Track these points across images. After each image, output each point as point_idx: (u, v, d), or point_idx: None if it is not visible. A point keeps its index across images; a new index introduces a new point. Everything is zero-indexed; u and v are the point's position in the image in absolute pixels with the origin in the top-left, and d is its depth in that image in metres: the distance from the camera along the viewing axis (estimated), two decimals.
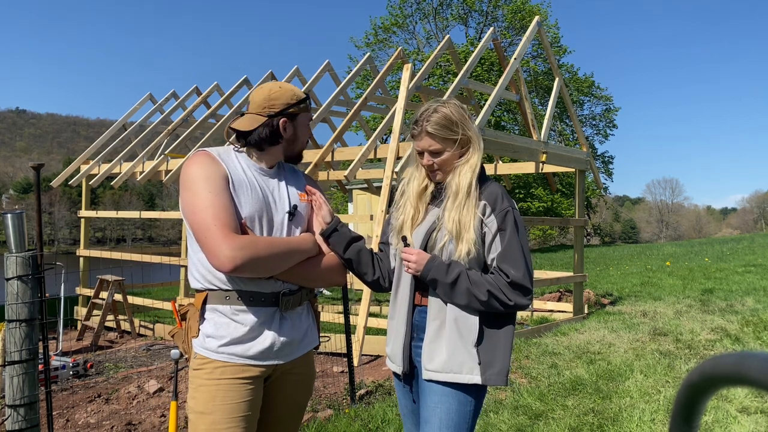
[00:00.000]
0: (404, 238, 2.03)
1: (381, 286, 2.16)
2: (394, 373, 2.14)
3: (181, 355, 3.05)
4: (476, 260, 1.96)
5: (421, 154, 2.06)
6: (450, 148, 2.01)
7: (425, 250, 2.01)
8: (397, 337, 2.06)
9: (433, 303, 1.98)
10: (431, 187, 2.10)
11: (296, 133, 2.02)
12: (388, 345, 2.12)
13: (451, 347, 1.92)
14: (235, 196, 1.88)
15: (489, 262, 1.97)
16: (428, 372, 1.95)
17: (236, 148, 2.01)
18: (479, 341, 1.93)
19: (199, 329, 1.91)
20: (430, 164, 2.04)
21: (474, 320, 1.93)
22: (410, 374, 2.08)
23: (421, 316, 2.02)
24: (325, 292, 10.93)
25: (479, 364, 1.91)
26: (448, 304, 1.95)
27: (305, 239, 2.00)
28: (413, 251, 1.98)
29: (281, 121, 1.98)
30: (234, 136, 2.03)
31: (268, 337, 1.89)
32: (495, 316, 1.96)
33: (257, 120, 1.97)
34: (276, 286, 1.92)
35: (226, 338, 1.86)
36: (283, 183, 2.04)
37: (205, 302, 1.90)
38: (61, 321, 7.42)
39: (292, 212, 1.99)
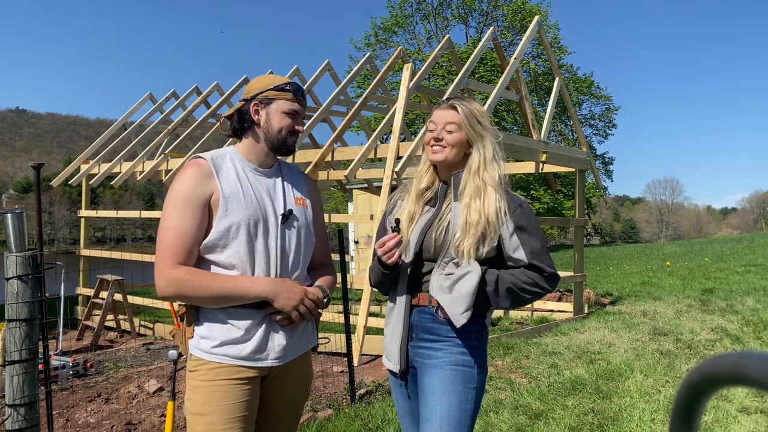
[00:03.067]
0: (395, 227, 2.03)
1: None
2: (391, 372, 2.13)
3: (180, 356, 3.05)
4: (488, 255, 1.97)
5: (432, 131, 2.04)
6: (465, 135, 2.00)
7: (421, 249, 2.01)
8: (394, 336, 2.06)
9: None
10: (430, 192, 2.10)
11: (269, 119, 1.95)
12: (384, 343, 2.13)
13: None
14: (223, 206, 1.86)
15: (512, 255, 1.98)
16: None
17: (233, 149, 2.01)
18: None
19: (194, 330, 1.91)
20: (438, 136, 2.01)
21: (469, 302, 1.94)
22: (407, 372, 2.07)
23: (420, 316, 2.01)
24: None
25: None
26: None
27: (254, 286, 1.86)
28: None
29: (252, 105, 1.95)
30: (231, 129, 2.03)
31: (262, 339, 1.88)
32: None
33: (235, 108, 2.00)
34: None
35: (219, 339, 1.86)
36: (279, 183, 2.02)
37: None
38: (61, 320, 7.41)
39: (286, 215, 1.97)
